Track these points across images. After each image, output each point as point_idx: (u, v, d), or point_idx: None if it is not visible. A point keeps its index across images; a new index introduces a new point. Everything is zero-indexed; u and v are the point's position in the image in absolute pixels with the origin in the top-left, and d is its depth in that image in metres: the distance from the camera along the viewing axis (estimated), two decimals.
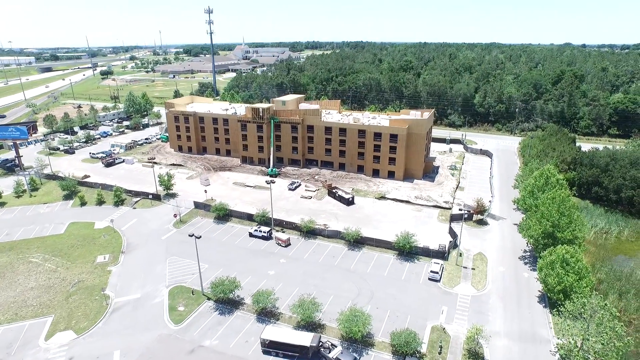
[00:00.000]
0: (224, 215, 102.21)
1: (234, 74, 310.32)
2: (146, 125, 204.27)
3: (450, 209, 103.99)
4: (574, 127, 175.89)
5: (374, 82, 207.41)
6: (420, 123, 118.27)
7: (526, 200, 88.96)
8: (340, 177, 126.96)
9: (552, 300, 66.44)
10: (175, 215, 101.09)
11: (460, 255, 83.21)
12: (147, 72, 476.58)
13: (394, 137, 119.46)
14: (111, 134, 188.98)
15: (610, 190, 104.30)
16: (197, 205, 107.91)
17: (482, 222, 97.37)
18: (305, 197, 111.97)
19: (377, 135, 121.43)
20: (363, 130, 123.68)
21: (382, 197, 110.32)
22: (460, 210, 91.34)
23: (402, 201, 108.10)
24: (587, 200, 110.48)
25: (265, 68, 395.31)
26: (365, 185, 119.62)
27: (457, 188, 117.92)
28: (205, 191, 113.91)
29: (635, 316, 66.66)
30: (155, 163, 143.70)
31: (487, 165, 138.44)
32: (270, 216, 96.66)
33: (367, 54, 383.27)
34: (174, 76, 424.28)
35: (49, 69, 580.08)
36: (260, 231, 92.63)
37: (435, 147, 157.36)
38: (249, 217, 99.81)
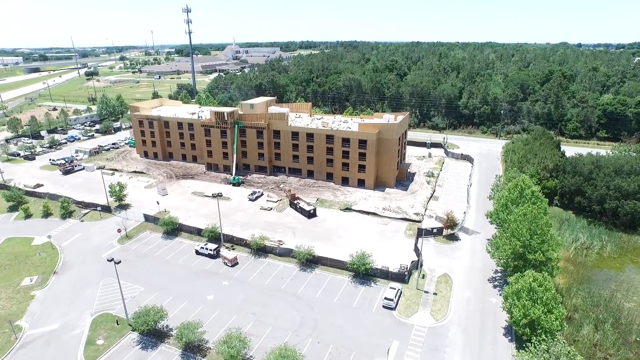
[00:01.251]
0: (173, 229, 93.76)
1: (222, 75, 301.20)
2: (118, 129, 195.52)
3: (420, 221, 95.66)
4: (561, 130, 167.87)
5: (355, 83, 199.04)
6: (391, 128, 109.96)
7: (499, 214, 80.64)
8: (307, 185, 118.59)
9: (518, 334, 58.14)
10: (119, 231, 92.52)
11: (423, 277, 74.90)
12: (133, 72, 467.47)
13: (363, 143, 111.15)
14: (79, 139, 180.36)
15: (594, 200, 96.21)
16: (147, 218, 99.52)
17: (453, 238, 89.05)
18: (265, 209, 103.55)
19: (346, 141, 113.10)
20: (331, 136, 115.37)
21: (348, 209, 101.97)
22: (435, 219, 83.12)
23: (368, 213, 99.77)
24: (570, 211, 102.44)
25: (248, 69, 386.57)
26: (332, 194, 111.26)
27: (431, 197, 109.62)
28: (158, 202, 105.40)
29: (612, 351, 58.37)
30: (115, 170, 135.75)
31: (467, 172, 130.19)
32: (220, 231, 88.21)
33: (356, 53, 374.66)
34: (159, 77, 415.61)
35: (36, 70, 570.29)
36: (207, 249, 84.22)
37: (415, 152, 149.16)
38: (199, 232, 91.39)
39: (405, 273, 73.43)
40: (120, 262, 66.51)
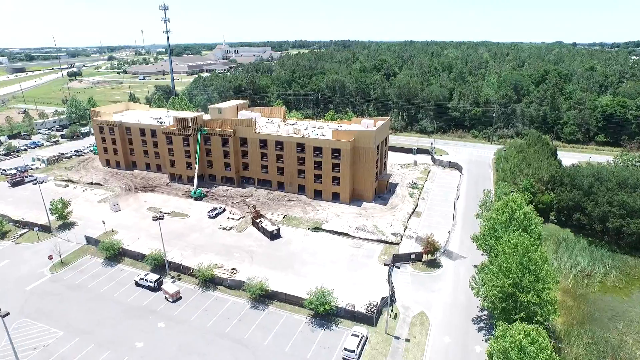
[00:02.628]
0: (114, 255, 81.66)
1: (201, 76, 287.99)
2: (87, 134, 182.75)
3: (397, 244, 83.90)
4: (557, 134, 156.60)
5: (339, 84, 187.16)
6: (368, 135, 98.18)
7: (487, 239, 69.04)
8: (276, 199, 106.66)
9: None
10: (50, 257, 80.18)
11: (395, 317, 63.20)
12: (118, 73, 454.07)
13: (336, 153, 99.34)
14: (42, 145, 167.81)
15: (595, 218, 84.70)
16: (89, 240, 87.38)
17: (434, 264, 77.34)
18: (224, 229, 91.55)
19: (317, 150, 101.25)
20: (302, 144, 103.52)
21: (317, 228, 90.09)
22: (415, 240, 71.29)
23: (339, 234, 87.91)
24: (568, 229, 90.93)
25: (234, 69, 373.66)
26: (302, 210, 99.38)
27: (412, 213, 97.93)
28: (104, 222, 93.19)
29: None
30: (69, 182, 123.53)
31: (455, 182, 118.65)
32: (165, 259, 76.22)
33: (345, 53, 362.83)
34: (144, 77, 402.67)
35: (21, 70, 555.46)
36: (148, 280, 72.19)
37: (399, 159, 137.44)
38: (144, 258, 79.36)
39: (374, 313, 61.65)
40: None
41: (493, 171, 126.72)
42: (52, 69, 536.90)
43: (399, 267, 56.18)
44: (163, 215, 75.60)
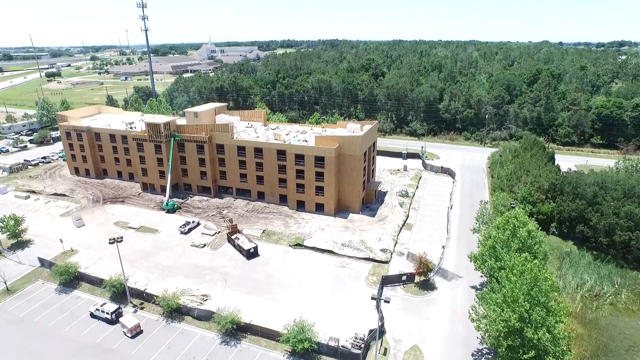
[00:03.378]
0: (70, 279, 72.62)
1: (182, 77, 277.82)
2: (58, 139, 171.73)
3: (387, 262, 76.17)
4: (552, 136, 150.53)
5: (325, 85, 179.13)
6: (354, 141, 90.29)
7: (486, 260, 61.53)
8: (256, 210, 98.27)
9: None
10: None
11: (385, 352, 55.36)
12: (99, 73, 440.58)
13: (320, 161, 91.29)
14: (7, 151, 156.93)
15: (600, 230, 77.86)
16: (43, 262, 78.11)
17: (427, 286, 69.69)
18: (197, 246, 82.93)
19: (300, 158, 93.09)
20: (283, 151, 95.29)
21: (298, 245, 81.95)
22: (406, 258, 63.47)
23: (323, 251, 79.88)
24: (570, 242, 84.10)
25: (220, 69, 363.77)
26: (283, 223, 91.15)
27: (403, 226, 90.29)
28: (61, 240, 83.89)
29: None
30: (31, 192, 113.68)
31: (448, 189, 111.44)
32: (126, 284, 67.45)
33: (333, 52, 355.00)
34: (126, 78, 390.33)
35: None
36: (104, 311, 63.36)
37: (388, 164, 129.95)
38: (102, 284, 70.46)
39: (360, 348, 53.74)
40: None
41: (487, 177, 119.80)
42: (34, 69, 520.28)
43: (388, 302, 48.33)
44: (121, 237, 66.72)
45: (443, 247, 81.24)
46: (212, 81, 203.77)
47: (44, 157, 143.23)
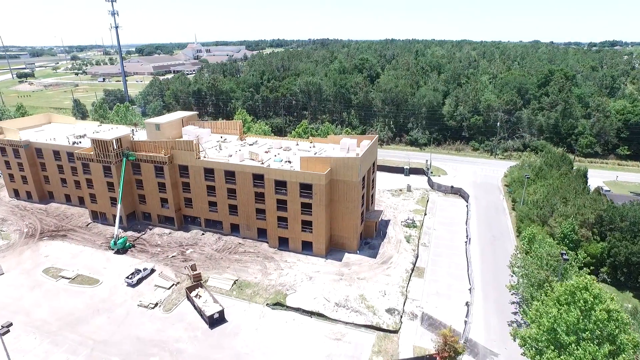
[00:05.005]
0: None
1: (158, 79, 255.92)
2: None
3: (396, 331, 57.09)
4: (571, 145, 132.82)
5: (314, 88, 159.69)
6: (350, 164, 71.00)
7: (542, 349, 42.53)
8: (228, 249, 78.58)
9: None
10: None
11: None
12: (76, 74, 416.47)
13: (307, 189, 71.92)
14: None
15: None
16: None
17: None
18: (145, 307, 63.05)
19: (281, 185, 73.63)
20: (260, 176, 75.74)
21: (279, 304, 62.49)
22: (421, 323, 44.46)
23: (310, 314, 60.55)
24: (629, 292, 65.76)
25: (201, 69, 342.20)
26: (260, 269, 71.62)
27: (412, 271, 71.26)
28: None
29: None
30: None
31: (462, 216, 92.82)
32: None
33: (323, 51, 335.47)
34: (103, 79, 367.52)
35: None
36: None
37: (388, 181, 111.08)
38: None
39: None
40: None
41: (506, 199, 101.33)
42: (7, 69, 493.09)
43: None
44: (10, 326, 46.62)
45: (467, 304, 62.36)
46: (190, 84, 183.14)
47: None
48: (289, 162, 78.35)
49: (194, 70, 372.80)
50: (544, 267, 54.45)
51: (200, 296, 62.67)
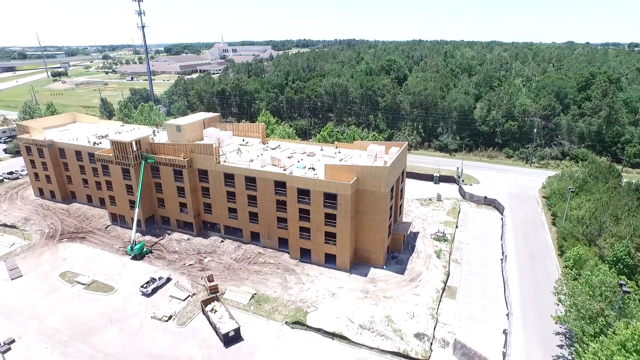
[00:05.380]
0: None
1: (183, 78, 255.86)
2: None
3: None
4: (616, 155, 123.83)
5: (340, 89, 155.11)
6: (379, 174, 66.15)
7: None
8: (247, 259, 74.99)
9: None
10: None
11: None
12: (106, 73, 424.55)
13: (331, 199, 67.52)
14: None
15: None
16: None
17: None
18: (158, 319, 59.94)
19: (304, 194, 69.46)
20: (282, 183, 71.78)
21: (298, 323, 58.29)
22: (454, 352, 39.80)
23: (332, 336, 56.10)
24: None
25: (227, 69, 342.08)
26: (281, 281, 67.68)
27: (443, 291, 65.89)
28: None
29: None
30: None
31: (496, 230, 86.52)
32: None
33: (349, 52, 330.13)
34: (132, 78, 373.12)
35: (11, 69, 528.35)
36: None
37: (416, 189, 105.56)
38: None
39: None
40: None
41: (545, 212, 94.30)
42: (44, 68, 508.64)
43: None
44: (11, 343, 43.93)
45: (505, 332, 56.62)
46: (214, 83, 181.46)
47: (10, 173, 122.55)
48: (313, 169, 74.11)
49: (219, 70, 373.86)
50: (597, 297, 48.33)
51: (216, 311, 59.13)
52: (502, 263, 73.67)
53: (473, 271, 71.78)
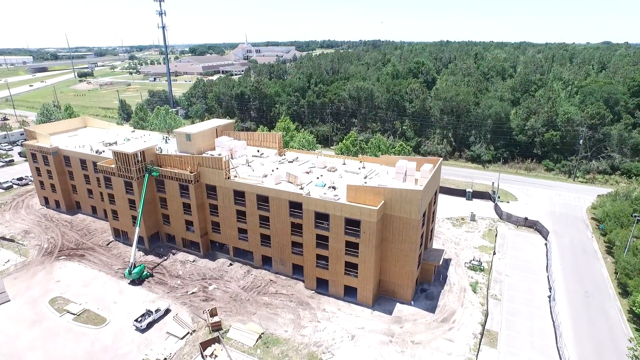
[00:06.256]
0: None
1: (202, 79, 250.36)
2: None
3: None
4: None
5: (365, 94, 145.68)
6: (410, 198, 56.69)
7: None
8: (256, 287, 66.78)
9: None
10: None
11: None
12: (130, 73, 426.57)
13: (354, 225, 58.59)
14: None
15: None
16: None
17: None
18: None
19: (322, 218, 60.71)
20: (298, 204, 63.19)
21: None
22: None
23: None
24: None
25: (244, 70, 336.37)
26: (293, 319, 59.09)
27: (482, 336, 55.98)
28: None
29: None
30: None
31: (540, 258, 75.73)
32: None
33: (375, 53, 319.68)
34: (155, 79, 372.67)
35: (43, 69, 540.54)
36: None
37: (448, 208, 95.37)
38: None
39: None
40: None
41: (595, 236, 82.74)
42: (73, 68, 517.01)
43: None
44: None
45: None
46: (233, 86, 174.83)
47: (20, 178, 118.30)
48: (334, 187, 65.24)
49: (241, 71, 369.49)
50: None
51: (216, 356, 51.02)
52: (550, 302, 63.11)
53: (516, 311, 61.49)
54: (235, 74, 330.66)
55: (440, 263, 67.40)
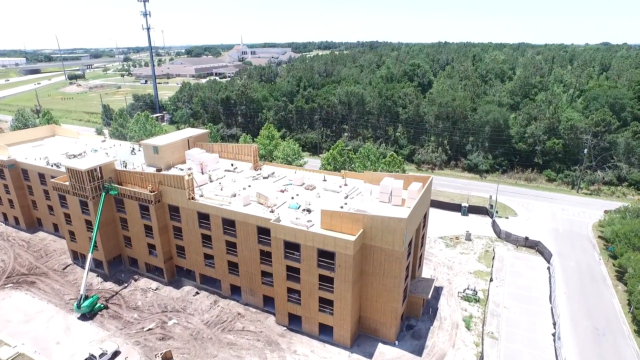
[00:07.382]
0: None
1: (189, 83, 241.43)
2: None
3: None
4: None
5: (356, 99, 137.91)
6: (393, 227, 48.75)
7: None
8: (221, 323, 58.86)
9: None
10: None
11: None
12: (121, 76, 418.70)
13: (327, 258, 50.73)
14: None
15: None
16: None
17: None
18: None
19: (293, 248, 52.80)
20: (267, 230, 55.30)
21: None
22: None
23: None
24: None
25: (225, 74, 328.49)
26: None
27: None
28: None
29: None
30: None
31: (542, 286, 67.95)
32: None
33: (370, 55, 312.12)
34: (146, 81, 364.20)
35: (36, 71, 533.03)
36: None
37: (441, 225, 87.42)
38: None
39: None
40: None
41: (603, 259, 74.97)
42: (66, 70, 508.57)
43: None
44: None
45: None
46: (219, 90, 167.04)
47: None
48: (308, 210, 57.36)
49: (232, 73, 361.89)
50: None
51: None
52: (555, 342, 55.29)
53: (516, 354, 53.66)
54: (229, 76, 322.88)
55: (430, 296, 59.47)
